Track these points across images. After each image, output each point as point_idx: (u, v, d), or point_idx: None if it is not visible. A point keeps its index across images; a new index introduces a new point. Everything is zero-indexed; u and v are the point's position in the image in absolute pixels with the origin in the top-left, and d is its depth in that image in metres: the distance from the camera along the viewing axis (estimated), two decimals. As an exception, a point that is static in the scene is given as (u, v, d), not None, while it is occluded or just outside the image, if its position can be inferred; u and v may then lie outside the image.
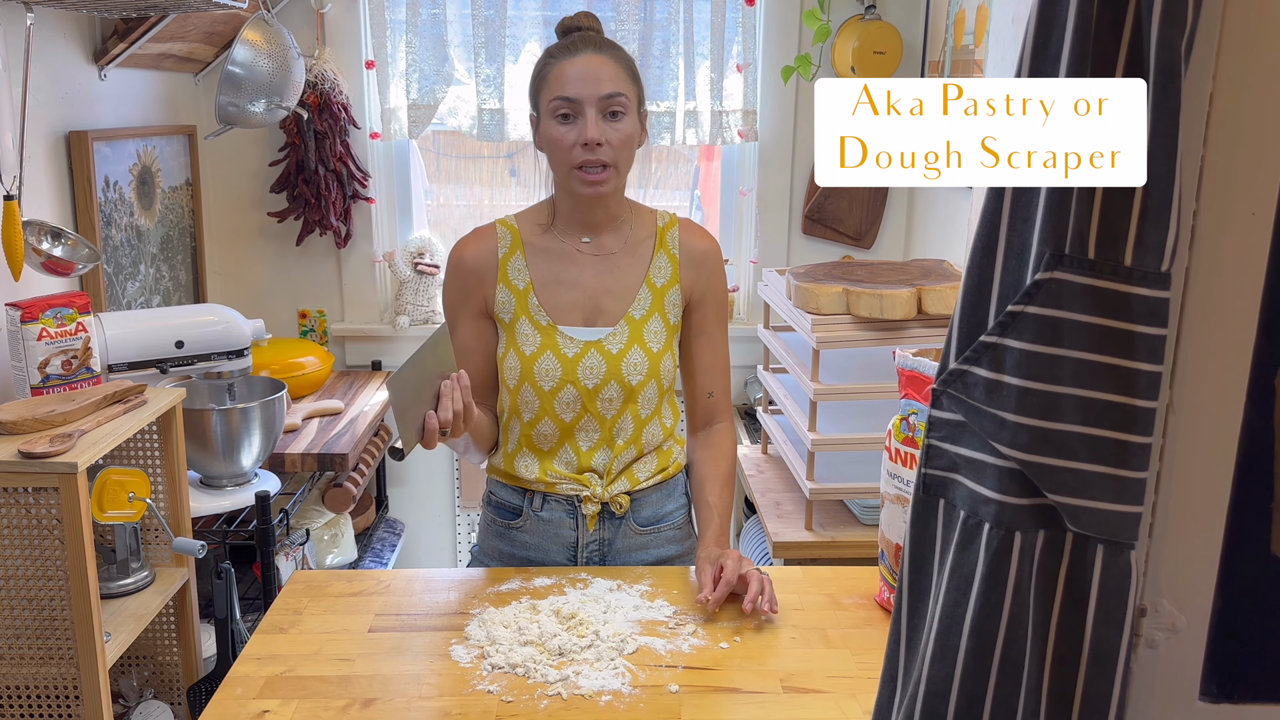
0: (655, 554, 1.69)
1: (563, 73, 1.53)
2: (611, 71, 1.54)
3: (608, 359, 1.59)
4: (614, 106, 1.53)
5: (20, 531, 1.69)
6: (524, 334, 1.60)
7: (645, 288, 1.63)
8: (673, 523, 1.71)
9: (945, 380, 0.68)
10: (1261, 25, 0.61)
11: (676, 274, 1.65)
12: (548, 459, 1.64)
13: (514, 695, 1.29)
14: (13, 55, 1.94)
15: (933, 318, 2.07)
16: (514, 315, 1.61)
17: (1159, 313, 0.61)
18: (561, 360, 1.59)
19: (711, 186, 3.32)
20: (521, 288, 1.62)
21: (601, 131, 1.52)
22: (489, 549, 1.71)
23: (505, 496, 1.68)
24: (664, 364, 1.63)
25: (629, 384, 1.60)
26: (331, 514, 2.73)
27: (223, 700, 1.29)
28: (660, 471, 1.68)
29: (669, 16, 2.99)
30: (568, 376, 1.59)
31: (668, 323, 1.64)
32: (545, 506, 1.65)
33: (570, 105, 1.52)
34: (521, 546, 1.67)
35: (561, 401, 1.60)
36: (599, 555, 1.66)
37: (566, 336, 1.60)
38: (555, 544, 1.65)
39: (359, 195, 3.06)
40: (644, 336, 1.61)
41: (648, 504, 1.67)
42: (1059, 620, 0.65)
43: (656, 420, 1.66)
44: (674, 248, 1.65)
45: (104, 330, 2.12)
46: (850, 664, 1.37)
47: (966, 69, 2.64)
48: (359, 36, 2.99)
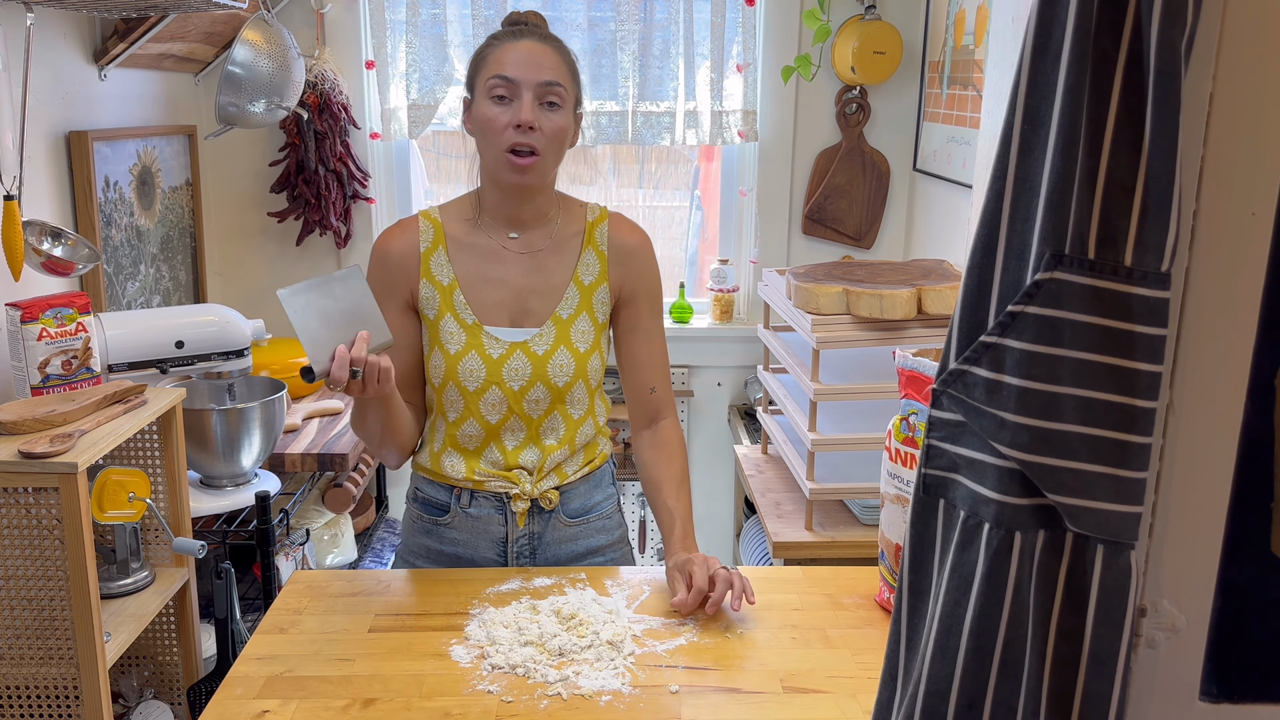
0: (585, 544, 1.67)
1: (504, 55, 1.52)
2: (554, 62, 1.53)
3: (533, 361, 1.57)
4: (551, 96, 1.51)
5: (20, 531, 1.69)
6: (449, 332, 1.58)
7: (573, 286, 1.61)
8: (601, 512, 1.69)
9: (945, 380, 0.68)
10: (1261, 25, 0.61)
11: (605, 271, 1.63)
12: (474, 458, 1.62)
13: (514, 695, 1.29)
14: (13, 55, 1.94)
15: (933, 318, 2.07)
16: (438, 312, 1.59)
17: (1159, 313, 0.61)
18: (486, 361, 1.57)
19: (711, 186, 3.32)
20: (446, 284, 1.59)
21: (536, 116, 1.50)
22: (416, 547, 1.68)
23: (432, 493, 1.66)
24: (591, 364, 1.61)
25: (555, 385, 1.58)
26: (331, 514, 2.73)
27: (223, 700, 1.29)
28: (587, 464, 1.66)
29: (669, 16, 2.99)
30: (493, 378, 1.57)
31: (596, 321, 1.62)
32: (474, 503, 1.62)
33: (508, 86, 1.50)
34: (450, 543, 1.65)
35: (487, 403, 1.58)
36: (529, 550, 1.65)
37: (492, 337, 1.58)
38: (485, 540, 1.64)
39: (359, 195, 3.06)
40: (571, 337, 1.59)
41: (576, 496, 1.66)
42: (1059, 620, 0.65)
43: (590, 419, 1.65)
44: (603, 244, 1.63)
45: (104, 330, 2.12)
46: (850, 664, 1.37)
47: (966, 69, 2.64)
48: (359, 36, 2.99)
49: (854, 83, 3.03)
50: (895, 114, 3.11)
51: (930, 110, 2.96)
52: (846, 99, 3.08)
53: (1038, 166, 0.62)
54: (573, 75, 1.57)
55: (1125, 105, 0.59)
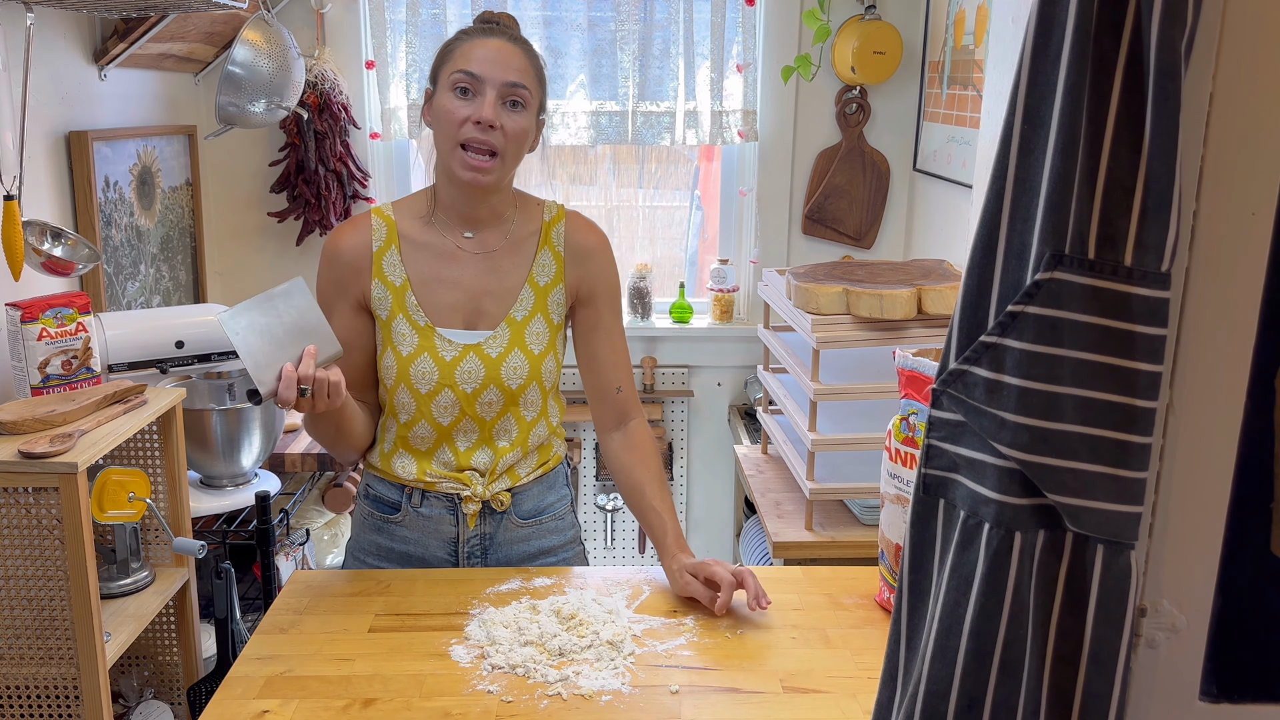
0: (537, 545, 1.67)
1: (471, 50, 1.51)
2: (521, 63, 1.52)
3: (486, 363, 1.56)
4: (515, 96, 1.50)
5: (20, 531, 1.69)
6: (401, 333, 1.57)
7: (528, 287, 1.60)
8: (554, 513, 1.69)
9: (945, 380, 0.68)
10: (1261, 25, 0.61)
11: (561, 272, 1.61)
12: (425, 459, 1.61)
13: (514, 695, 1.29)
14: (13, 55, 1.94)
15: (933, 318, 2.07)
16: (390, 313, 1.57)
17: (1159, 313, 0.61)
18: (439, 363, 1.55)
19: (711, 186, 3.32)
20: (398, 284, 1.57)
21: (498, 115, 1.49)
22: (366, 544, 1.67)
23: (383, 491, 1.65)
24: (546, 365, 1.59)
25: (509, 388, 1.57)
26: (331, 514, 2.73)
27: (223, 700, 1.29)
28: (541, 466, 1.66)
29: (669, 16, 2.99)
30: (445, 380, 1.55)
31: (551, 323, 1.61)
32: (425, 503, 1.62)
33: (472, 81, 1.49)
34: (401, 541, 1.64)
35: (439, 405, 1.57)
36: (480, 550, 1.64)
37: (445, 339, 1.56)
38: (436, 539, 1.63)
39: (359, 195, 3.06)
40: (525, 339, 1.58)
41: (529, 498, 1.65)
42: (1059, 620, 0.65)
43: (543, 421, 1.64)
44: (559, 244, 1.62)
45: (104, 330, 2.12)
46: (850, 664, 1.37)
47: (966, 69, 2.64)
48: (359, 36, 3.00)
49: (854, 83, 3.03)
50: (895, 114, 3.11)
51: (930, 110, 2.96)
52: (846, 99, 3.08)
53: (1038, 166, 0.62)
54: (539, 79, 1.56)
55: (1125, 105, 0.59)
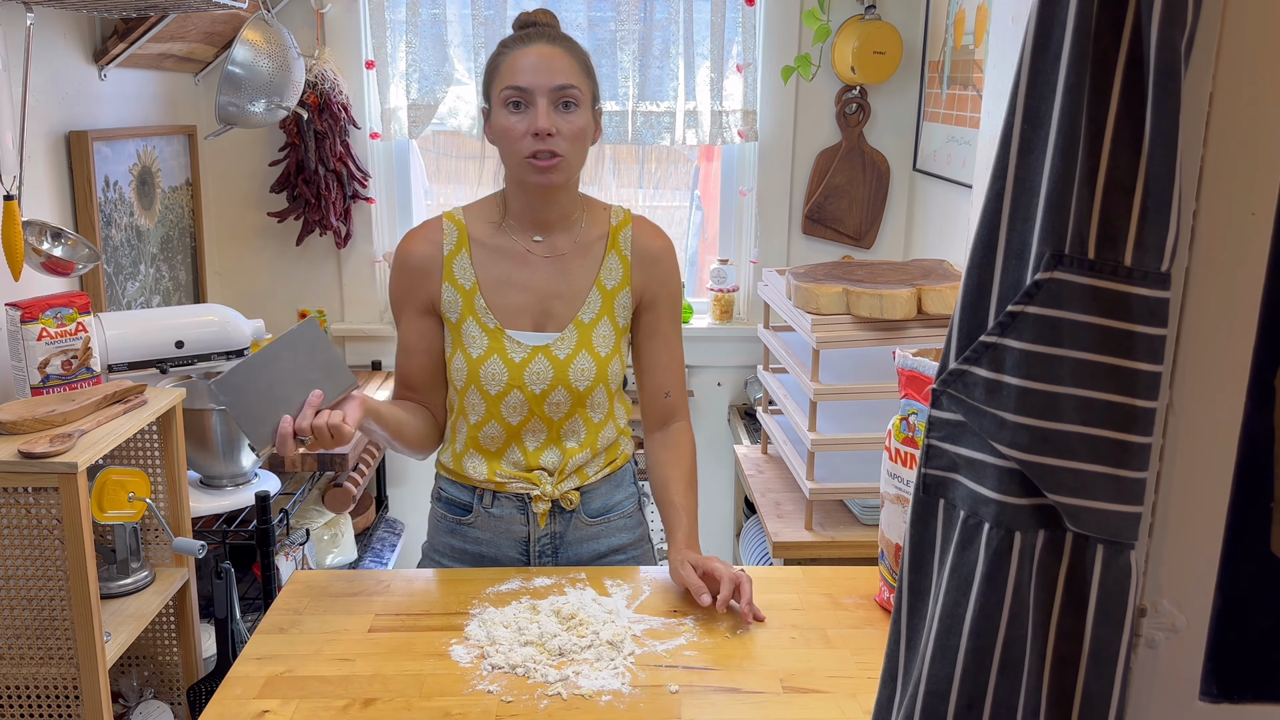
0: (607, 543, 1.68)
1: (515, 63, 1.52)
2: (565, 64, 1.53)
3: (555, 364, 1.58)
4: (566, 98, 1.51)
5: (20, 531, 1.69)
6: (471, 336, 1.59)
7: (595, 290, 1.62)
8: (622, 511, 1.70)
9: (945, 380, 0.68)
10: (1261, 25, 0.61)
11: (628, 276, 1.63)
12: (495, 459, 1.63)
13: (514, 695, 1.29)
14: (13, 55, 1.94)
15: (933, 318, 2.07)
16: (461, 315, 1.59)
17: (1159, 313, 0.61)
18: (509, 365, 1.57)
19: (711, 186, 3.32)
20: (468, 287, 1.59)
21: (553, 121, 1.50)
22: (440, 545, 1.70)
23: (455, 493, 1.67)
24: (611, 368, 1.61)
25: (576, 390, 1.59)
26: (331, 514, 2.73)
27: (223, 700, 1.29)
28: (609, 465, 1.67)
29: (669, 16, 2.99)
30: (514, 381, 1.57)
31: (617, 326, 1.63)
32: (495, 504, 1.63)
33: (521, 94, 1.51)
34: (474, 542, 1.66)
35: (509, 405, 1.58)
36: (551, 549, 1.65)
37: (514, 341, 1.58)
38: (507, 539, 1.65)
39: (359, 195, 3.06)
40: (592, 341, 1.60)
41: (597, 496, 1.67)
42: (1059, 620, 0.65)
43: (611, 423, 1.66)
44: (626, 248, 1.64)
45: (104, 330, 2.12)
46: (850, 664, 1.37)
47: (966, 69, 2.64)
48: (359, 36, 2.99)
49: (854, 83, 3.03)
50: (895, 114, 3.11)
51: (930, 110, 2.96)
52: (846, 99, 3.08)
53: (1038, 166, 0.62)
54: (587, 73, 1.57)
55: (1125, 105, 0.59)
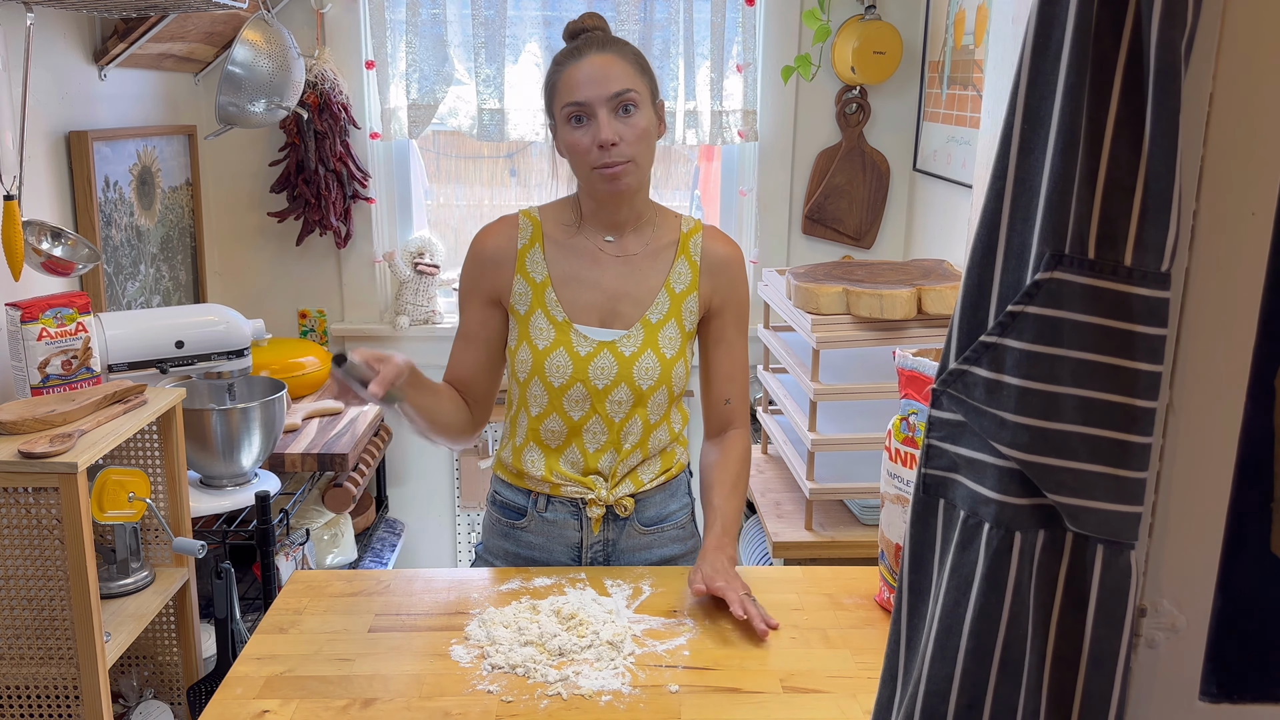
0: (659, 553, 1.69)
1: (571, 78, 1.54)
2: (619, 69, 1.54)
3: (620, 361, 1.59)
4: (625, 102, 1.53)
5: (20, 531, 1.69)
6: (538, 328, 1.61)
7: (664, 292, 1.63)
8: (676, 522, 1.71)
9: (945, 380, 0.68)
10: (1261, 25, 0.61)
11: (696, 281, 1.65)
12: (554, 457, 1.64)
13: (514, 695, 1.29)
14: (13, 55, 1.94)
15: (933, 318, 2.07)
16: (530, 308, 1.61)
17: (1159, 313, 0.61)
18: (574, 358, 1.59)
19: (711, 186, 3.32)
20: (539, 281, 1.62)
21: (615, 130, 1.52)
22: (494, 548, 1.72)
23: (510, 497, 1.69)
24: (676, 371, 1.62)
25: (639, 388, 1.60)
26: (331, 514, 2.73)
27: (223, 700, 1.29)
28: (664, 473, 1.68)
29: (669, 16, 2.99)
30: (578, 375, 1.59)
31: (683, 329, 1.64)
32: (550, 508, 1.65)
33: (581, 109, 1.53)
34: (526, 546, 1.68)
35: (570, 399, 1.60)
36: (603, 555, 1.66)
37: (581, 335, 1.60)
38: (560, 544, 1.66)
39: (359, 195, 3.06)
40: (659, 341, 1.61)
41: (651, 504, 1.68)
42: (1059, 620, 0.65)
43: (665, 426, 1.66)
44: (695, 254, 1.65)
45: (104, 330, 2.12)
46: (850, 664, 1.37)
47: (966, 69, 2.64)
48: (359, 36, 2.99)
49: (854, 83, 3.03)
50: (895, 114, 3.11)
51: (930, 110, 2.96)
52: (846, 99, 3.08)
53: (1038, 166, 0.62)
54: (642, 72, 1.58)
55: (1125, 105, 0.59)
